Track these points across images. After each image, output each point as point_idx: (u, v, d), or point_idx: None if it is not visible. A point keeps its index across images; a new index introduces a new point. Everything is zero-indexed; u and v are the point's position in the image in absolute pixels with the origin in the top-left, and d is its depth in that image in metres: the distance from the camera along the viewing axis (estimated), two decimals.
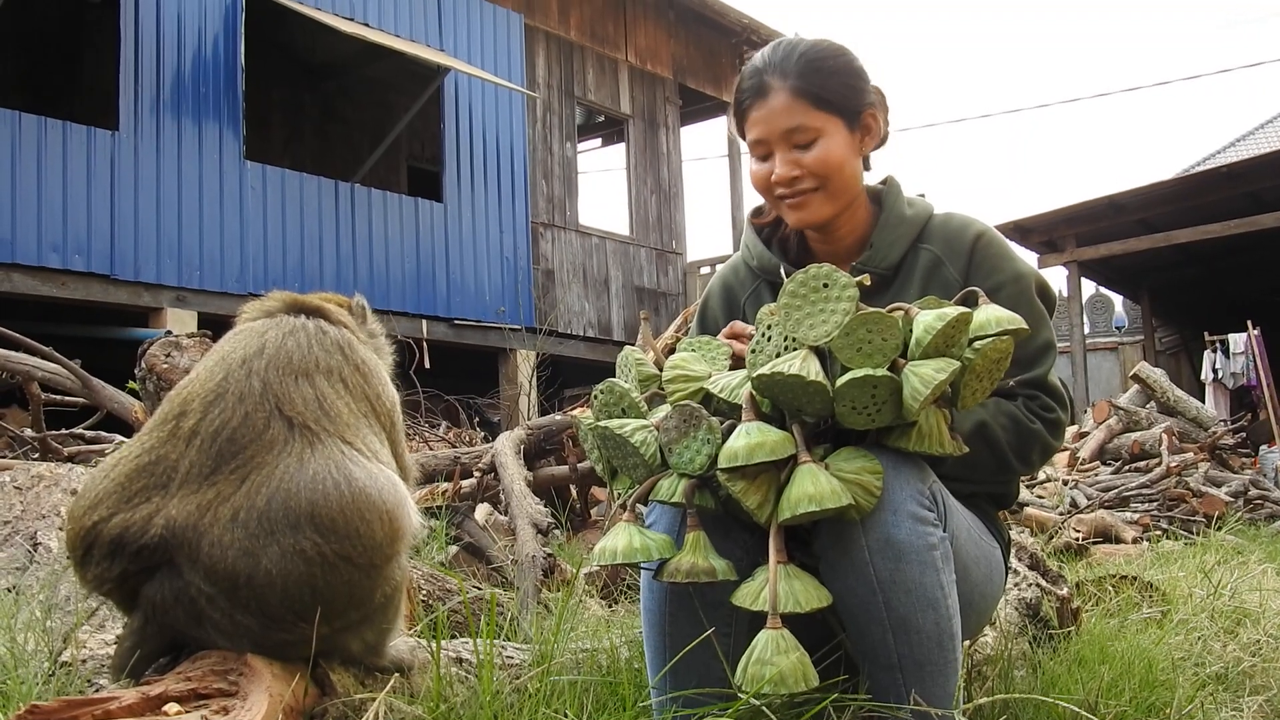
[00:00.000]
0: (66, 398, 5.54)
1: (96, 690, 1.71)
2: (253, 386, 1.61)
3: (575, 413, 5.73)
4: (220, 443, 1.56)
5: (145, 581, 1.53)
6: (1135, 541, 6.37)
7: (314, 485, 1.51)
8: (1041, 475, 8.67)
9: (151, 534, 1.51)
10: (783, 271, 2.15)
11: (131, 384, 4.02)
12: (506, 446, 4.82)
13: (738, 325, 2.01)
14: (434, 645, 1.75)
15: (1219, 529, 6.21)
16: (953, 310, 1.66)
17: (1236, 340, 15.21)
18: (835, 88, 2.07)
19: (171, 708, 1.37)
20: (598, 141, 18.95)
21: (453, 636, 2.29)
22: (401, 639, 1.80)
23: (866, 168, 2.21)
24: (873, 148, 2.16)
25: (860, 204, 2.17)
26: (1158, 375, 11.06)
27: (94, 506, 1.56)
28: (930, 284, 2.09)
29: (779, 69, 2.07)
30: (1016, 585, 2.94)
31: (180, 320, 10.26)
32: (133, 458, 1.59)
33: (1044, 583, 3.02)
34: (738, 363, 1.89)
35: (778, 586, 1.63)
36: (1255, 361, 14.29)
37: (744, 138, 2.16)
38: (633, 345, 2.01)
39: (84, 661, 1.85)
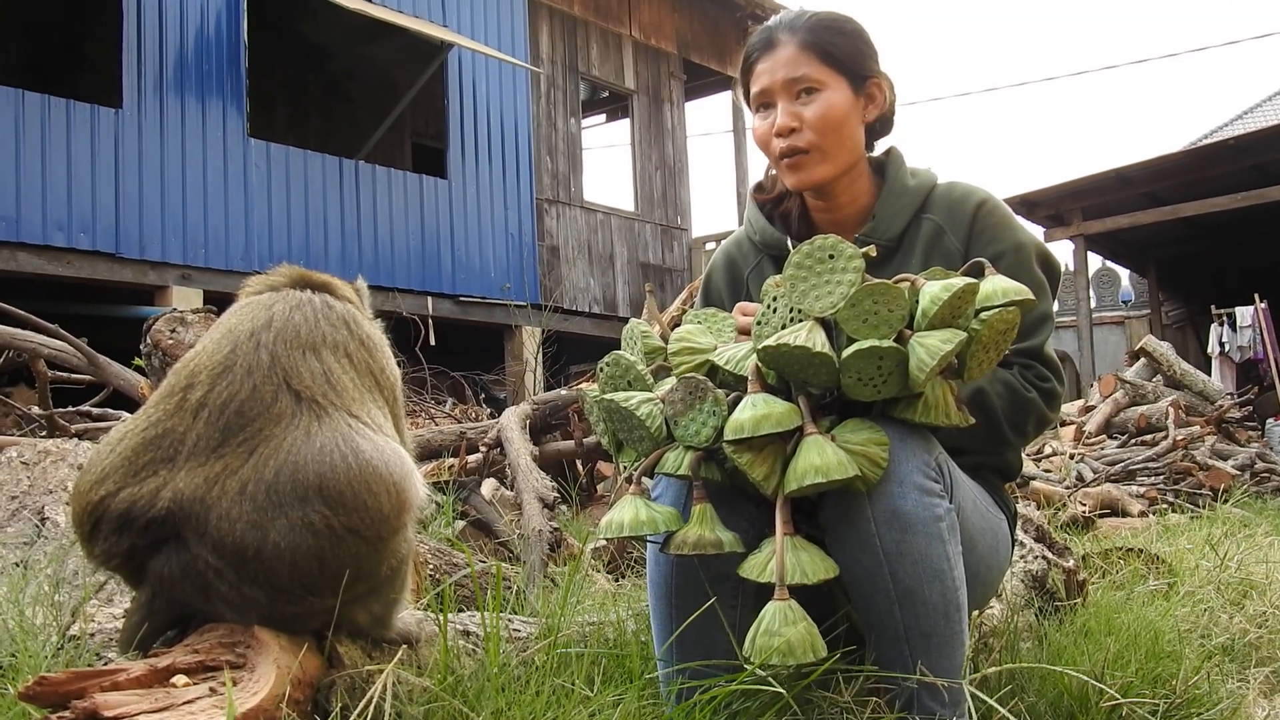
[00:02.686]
0: (73, 375, 5.54)
1: (105, 663, 1.71)
2: (261, 359, 1.60)
3: (581, 387, 5.73)
4: (228, 415, 1.55)
5: (153, 555, 1.53)
6: (1142, 515, 6.38)
7: (321, 458, 1.51)
8: (1048, 449, 8.66)
9: (159, 507, 1.51)
10: (789, 244, 2.15)
11: (137, 360, 4.03)
12: (512, 422, 4.82)
13: (747, 306, 2.00)
14: (441, 618, 1.75)
15: (1225, 502, 6.20)
16: (959, 281, 1.65)
17: (1243, 313, 15.16)
18: (843, 46, 2.08)
19: (179, 679, 1.38)
20: (602, 117, 18.89)
21: (460, 610, 2.29)
22: (409, 612, 1.80)
23: (869, 147, 2.20)
24: (876, 118, 2.15)
25: (862, 174, 2.16)
26: (1164, 349, 11.04)
27: (101, 481, 1.56)
28: (932, 253, 2.08)
29: (789, 26, 2.10)
30: (1023, 557, 2.94)
31: (185, 298, 10.26)
32: (139, 431, 1.59)
33: (1050, 555, 3.02)
34: (744, 335, 1.88)
35: (785, 558, 1.63)
36: (1262, 335, 14.27)
37: (749, 97, 2.16)
38: (638, 319, 2.00)
39: (92, 635, 1.86)
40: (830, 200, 2.17)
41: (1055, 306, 2.17)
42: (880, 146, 2.25)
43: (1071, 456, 8.41)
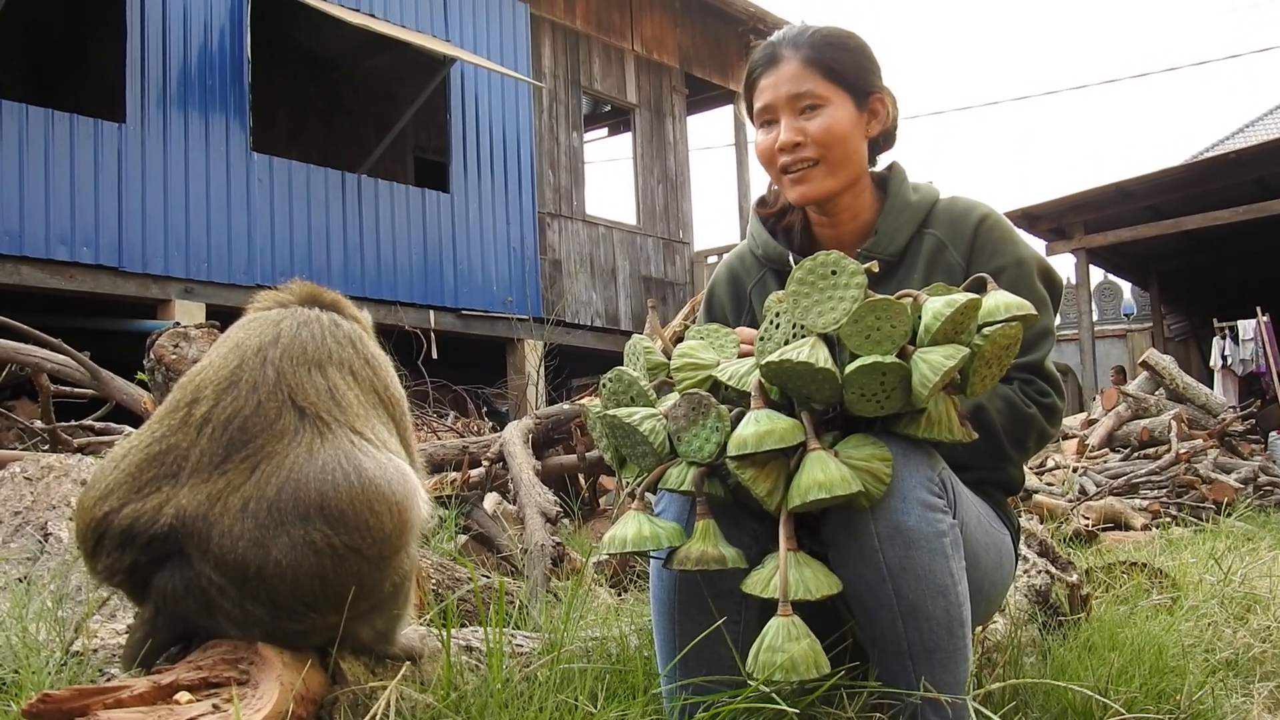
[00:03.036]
0: (76, 389, 5.55)
1: (108, 679, 1.71)
2: (267, 375, 1.60)
3: (583, 401, 5.73)
4: (232, 431, 1.55)
5: (156, 572, 1.53)
6: (1145, 528, 6.37)
7: (324, 476, 1.51)
8: (1050, 462, 8.66)
9: (161, 524, 1.51)
10: (791, 259, 2.15)
11: (140, 375, 4.03)
12: (515, 436, 4.82)
13: (751, 333, 2.00)
14: (444, 633, 1.75)
15: (1229, 515, 6.19)
16: (962, 296, 1.66)
17: (1245, 326, 15.18)
18: (846, 62, 2.08)
19: (183, 696, 1.38)
20: (604, 131, 18.93)
21: (462, 625, 2.29)
22: (412, 628, 1.80)
23: (871, 162, 2.21)
24: (879, 133, 2.16)
25: (864, 189, 2.17)
26: (1167, 362, 11.03)
27: (104, 497, 1.56)
28: (933, 268, 2.09)
29: (792, 42, 2.10)
30: (1026, 572, 2.94)
31: (188, 312, 10.28)
32: (143, 447, 1.59)
33: (1054, 569, 3.02)
34: (747, 347, 1.89)
35: (788, 574, 1.63)
36: (1264, 348, 14.27)
37: (751, 111, 2.16)
38: (640, 334, 2.00)
39: (95, 651, 1.86)
40: (833, 215, 2.17)
41: (1057, 320, 2.17)
42: (882, 161, 2.25)
43: (1074, 470, 8.41)
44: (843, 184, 2.11)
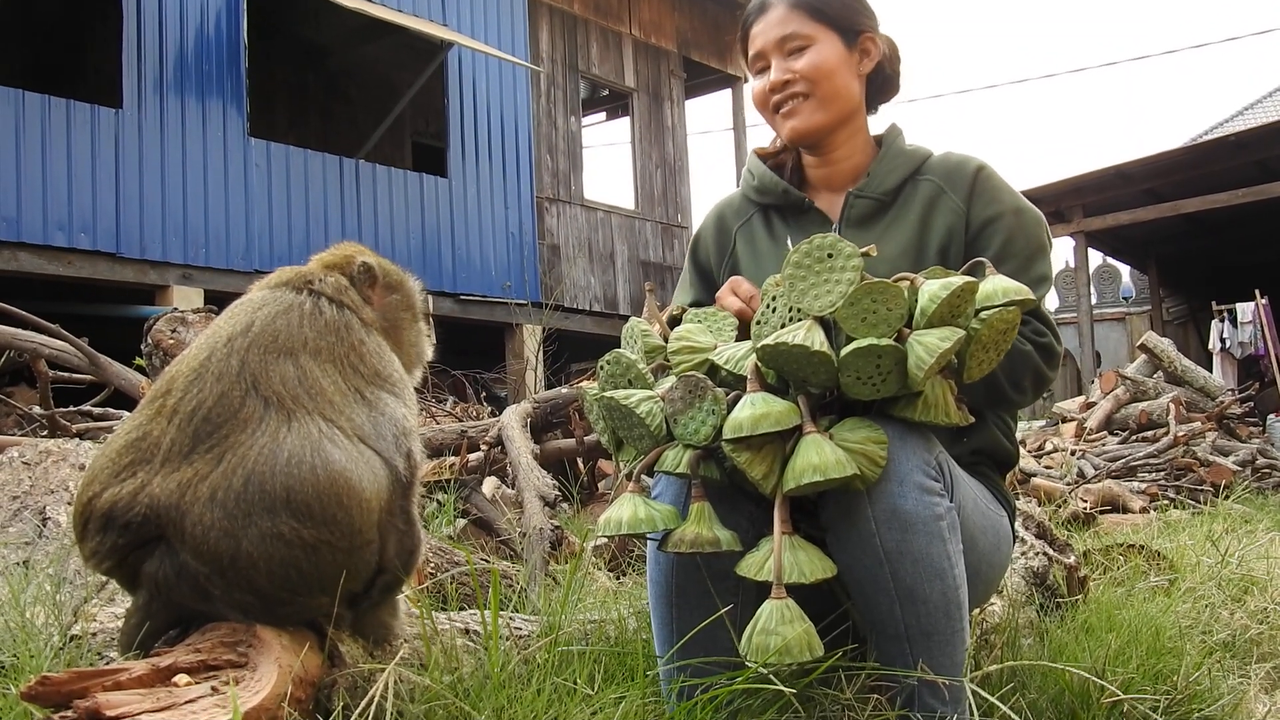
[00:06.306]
0: (74, 375, 5.55)
1: (107, 663, 1.72)
2: (231, 366, 1.60)
3: (582, 385, 5.73)
4: (197, 421, 1.55)
5: (145, 559, 1.54)
6: (1143, 511, 6.37)
7: (289, 469, 1.51)
8: (1049, 446, 8.66)
9: (136, 510, 1.51)
10: (783, 191, 2.21)
11: (138, 360, 4.03)
12: (513, 420, 4.83)
13: (740, 288, 2.01)
14: (442, 616, 1.75)
15: (1226, 498, 6.21)
16: (958, 280, 1.65)
17: (1244, 310, 15.17)
18: (833, 3, 2.16)
19: (181, 679, 1.38)
20: (602, 115, 18.87)
21: (461, 608, 2.30)
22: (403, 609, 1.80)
23: (872, 109, 2.28)
24: (873, 70, 2.21)
25: (860, 130, 2.23)
26: (1165, 345, 11.01)
27: (91, 482, 1.58)
28: (932, 213, 2.11)
29: None
30: (1024, 554, 2.94)
31: (186, 297, 10.26)
32: (125, 434, 1.61)
33: (1051, 552, 3.03)
34: (743, 333, 1.89)
35: (783, 557, 1.63)
36: (1263, 331, 14.27)
37: (747, 61, 2.24)
38: (638, 318, 2.00)
39: (94, 635, 1.86)
40: (826, 154, 2.21)
41: (1056, 304, 2.18)
42: (883, 116, 2.31)
43: (1073, 453, 8.41)
44: (833, 119, 2.16)
